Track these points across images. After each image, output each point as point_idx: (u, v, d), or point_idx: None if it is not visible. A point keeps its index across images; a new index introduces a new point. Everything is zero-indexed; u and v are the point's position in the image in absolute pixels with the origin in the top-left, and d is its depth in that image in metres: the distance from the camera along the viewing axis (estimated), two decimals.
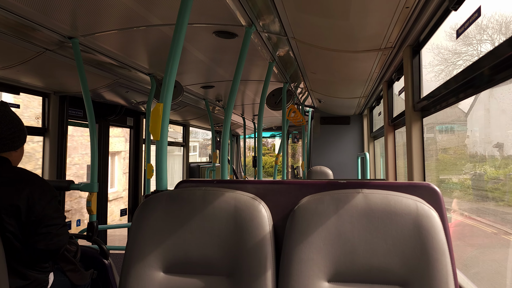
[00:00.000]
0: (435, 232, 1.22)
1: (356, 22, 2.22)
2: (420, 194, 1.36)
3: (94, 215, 2.84)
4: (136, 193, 5.54)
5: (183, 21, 1.67)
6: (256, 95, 5.29)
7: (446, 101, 2.13)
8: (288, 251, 1.30)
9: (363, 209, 1.29)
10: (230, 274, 1.33)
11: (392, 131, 3.78)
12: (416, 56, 2.54)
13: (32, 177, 1.87)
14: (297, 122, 5.64)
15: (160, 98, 1.63)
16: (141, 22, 2.35)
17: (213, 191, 1.42)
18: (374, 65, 3.19)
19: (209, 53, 3.11)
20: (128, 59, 3.16)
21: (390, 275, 1.24)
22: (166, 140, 1.64)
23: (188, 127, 7.46)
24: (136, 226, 1.41)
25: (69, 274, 2.13)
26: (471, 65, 1.65)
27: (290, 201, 1.46)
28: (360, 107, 6.05)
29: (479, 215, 3.13)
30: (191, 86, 4.40)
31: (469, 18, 1.57)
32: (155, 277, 1.36)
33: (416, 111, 2.53)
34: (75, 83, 3.50)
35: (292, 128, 9.13)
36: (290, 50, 3.02)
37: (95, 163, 2.86)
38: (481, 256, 3.02)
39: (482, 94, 2.59)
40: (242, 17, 2.26)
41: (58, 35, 2.44)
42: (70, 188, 2.79)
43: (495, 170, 2.78)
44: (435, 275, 1.19)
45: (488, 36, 2.00)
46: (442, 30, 2.07)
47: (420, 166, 2.52)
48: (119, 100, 4.44)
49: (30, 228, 1.79)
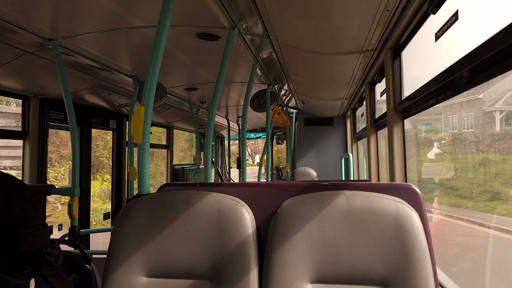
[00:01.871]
0: (415, 232, 1.24)
1: (338, 24, 2.24)
2: (401, 195, 1.38)
3: (76, 219, 2.80)
4: (119, 197, 5.48)
5: (164, 23, 1.66)
6: (240, 97, 5.29)
7: (427, 102, 2.16)
8: (271, 253, 1.31)
9: (345, 210, 1.30)
10: (213, 278, 1.33)
11: (375, 132, 3.82)
12: (397, 58, 2.58)
13: (8, 178, 1.84)
14: (282, 124, 5.66)
15: (142, 101, 1.62)
16: (122, 24, 2.33)
17: (196, 195, 1.42)
18: (356, 67, 3.23)
19: (192, 55, 3.10)
20: (110, 61, 3.12)
21: (372, 276, 1.25)
22: (148, 143, 1.63)
23: (172, 129, 7.41)
24: (118, 230, 1.39)
25: (51, 279, 2.10)
26: (450, 66, 1.68)
27: (273, 203, 1.47)
28: (343, 108, 6.11)
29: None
30: (174, 88, 4.38)
31: (447, 21, 1.60)
32: (138, 281, 1.35)
33: (398, 112, 2.57)
34: (55, 86, 3.45)
35: (276, 129, 9.16)
36: (273, 52, 3.04)
37: (76, 166, 2.82)
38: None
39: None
40: (225, 19, 2.26)
41: (38, 37, 2.40)
42: (51, 193, 2.74)
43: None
44: (416, 274, 1.21)
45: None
46: (422, 33, 2.11)
47: (402, 167, 2.56)
48: (101, 102, 4.39)
49: (9, 229, 1.76)
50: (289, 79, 4.11)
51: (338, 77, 3.76)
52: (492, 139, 2.86)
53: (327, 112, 6.53)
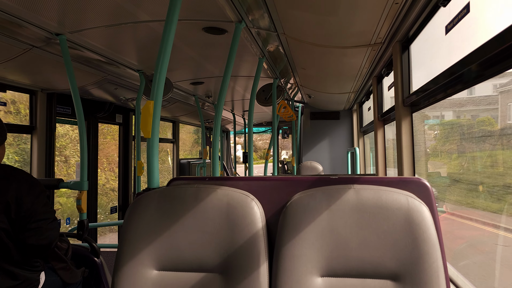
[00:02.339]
0: (425, 227, 1.24)
1: (346, 18, 2.22)
2: (411, 189, 1.37)
3: (85, 213, 2.82)
4: (126, 191, 5.51)
5: (173, 17, 1.65)
6: (246, 91, 5.28)
7: (435, 96, 2.15)
8: (281, 247, 1.31)
9: (354, 204, 1.30)
10: (223, 271, 1.34)
11: (382, 126, 3.80)
12: (405, 51, 2.55)
13: (18, 173, 1.86)
14: (287, 118, 5.65)
15: (150, 95, 1.62)
16: (129, 18, 2.33)
17: (205, 188, 1.42)
18: (364, 60, 3.21)
19: (198, 49, 3.09)
20: (117, 56, 3.12)
21: (382, 269, 1.25)
22: (157, 137, 1.63)
23: (178, 124, 7.42)
24: (128, 224, 1.40)
25: (61, 272, 2.12)
26: (459, 61, 1.66)
27: (282, 197, 1.47)
28: (349, 102, 6.08)
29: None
30: (180, 82, 4.38)
31: (458, 14, 1.58)
32: (148, 274, 1.35)
33: (406, 106, 2.55)
34: (63, 80, 3.46)
35: (282, 123, 9.15)
36: (280, 46, 3.02)
37: (84, 161, 2.83)
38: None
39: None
40: (232, 13, 2.25)
41: (45, 31, 2.41)
42: (60, 187, 2.76)
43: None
44: (426, 268, 1.21)
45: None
46: (431, 26, 2.08)
47: (410, 161, 2.54)
48: (108, 97, 4.40)
49: (20, 224, 1.78)
50: (296, 73, 4.10)
51: (345, 71, 3.74)
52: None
53: (334, 106, 6.51)
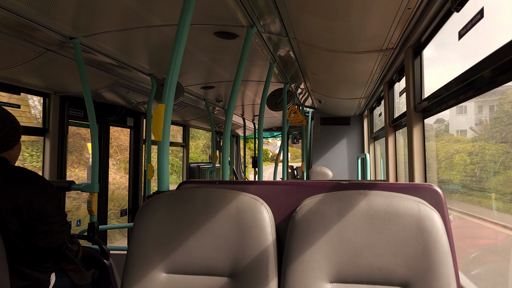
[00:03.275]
0: (437, 234, 1.22)
1: (358, 23, 2.22)
2: (422, 195, 1.36)
3: (95, 215, 2.84)
4: (136, 194, 5.54)
5: (185, 21, 1.66)
6: (257, 96, 5.29)
7: (447, 102, 2.13)
8: (290, 252, 1.30)
9: (365, 210, 1.29)
10: (232, 275, 1.33)
11: (393, 132, 3.78)
12: (417, 57, 2.54)
13: (31, 175, 1.87)
14: (297, 123, 5.64)
15: (162, 99, 1.63)
16: (142, 22, 2.35)
17: (215, 192, 1.42)
18: (375, 66, 3.19)
19: (209, 53, 3.11)
20: (129, 59, 3.15)
21: (392, 276, 1.24)
22: (168, 140, 1.64)
23: (188, 128, 7.45)
24: (138, 227, 1.41)
25: (71, 274, 2.13)
26: (472, 67, 1.65)
27: (292, 202, 1.46)
28: (360, 108, 6.05)
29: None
30: (191, 87, 4.40)
31: (471, 19, 1.57)
32: (158, 277, 1.36)
33: (418, 112, 2.53)
34: (75, 83, 3.50)
35: (292, 129, 9.14)
36: (291, 51, 3.02)
37: (95, 163, 2.86)
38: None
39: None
40: (243, 18, 2.26)
41: (59, 35, 2.44)
42: (71, 189, 2.79)
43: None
44: (437, 276, 1.19)
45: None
46: (444, 31, 2.07)
47: (421, 167, 2.52)
48: (120, 100, 4.44)
49: (31, 226, 1.79)
50: (306, 78, 4.09)
51: (356, 76, 3.73)
52: None
53: (344, 111, 6.48)
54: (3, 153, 1.90)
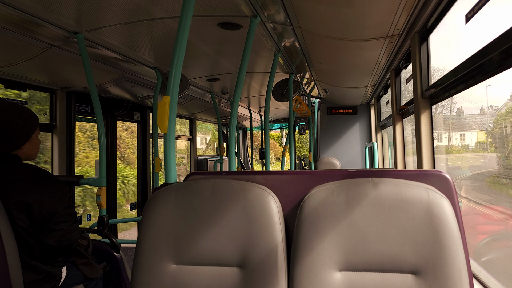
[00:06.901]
0: (447, 220, 1.21)
1: (362, 9, 2.19)
2: (431, 182, 1.34)
3: (104, 209, 2.86)
4: (144, 187, 5.57)
5: (187, 13, 1.65)
6: (262, 87, 5.27)
7: (455, 88, 2.10)
8: (299, 241, 1.30)
9: (373, 197, 1.28)
10: (241, 265, 1.33)
11: (401, 119, 3.75)
12: (424, 43, 2.50)
13: (42, 174, 1.87)
14: (302, 113, 5.62)
15: (166, 91, 1.62)
16: (145, 16, 2.34)
17: (222, 183, 1.42)
18: (381, 53, 3.16)
19: (213, 45, 3.09)
20: (133, 53, 3.15)
21: (402, 263, 1.23)
22: (174, 133, 1.64)
23: (194, 121, 7.46)
24: (147, 219, 1.41)
25: (82, 267, 2.16)
26: (479, 51, 1.62)
27: (299, 191, 1.45)
28: (367, 97, 6.01)
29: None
30: (196, 79, 4.39)
31: (478, 1, 1.54)
32: (167, 268, 1.36)
33: (425, 98, 2.51)
34: (81, 79, 3.51)
35: (299, 119, 9.10)
36: (295, 40, 3.00)
37: (103, 158, 2.88)
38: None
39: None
40: (247, 8, 2.24)
41: (63, 30, 2.44)
42: (80, 183, 2.81)
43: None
44: (448, 262, 1.18)
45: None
46: (451, 15, 2.04)
47: (430, 154, 2.50)
48: (126, 94, 4.45)
49: (41, 225, 1.80)
50: (312, 68, 4.06)
51: (362, 64, 3.70)
52: None
53: (351, 100, 6.44)
54: (14, 151, 1.90)
